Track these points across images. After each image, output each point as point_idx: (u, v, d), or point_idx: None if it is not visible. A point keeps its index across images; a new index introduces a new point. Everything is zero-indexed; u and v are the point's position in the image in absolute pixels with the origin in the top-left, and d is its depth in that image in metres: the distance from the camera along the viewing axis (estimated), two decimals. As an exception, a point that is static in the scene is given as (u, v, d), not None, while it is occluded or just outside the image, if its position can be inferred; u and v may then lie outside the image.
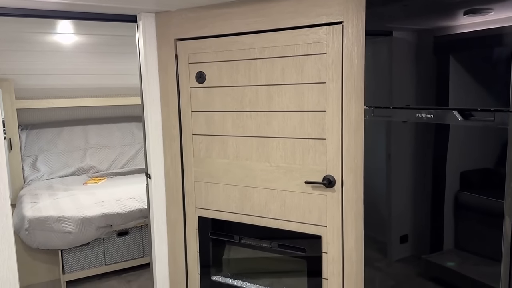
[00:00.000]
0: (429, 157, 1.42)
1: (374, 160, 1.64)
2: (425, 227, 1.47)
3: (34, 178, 3.79)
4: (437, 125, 1.37)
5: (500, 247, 1.25)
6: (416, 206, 1.49)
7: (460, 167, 1.32)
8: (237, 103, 2.06)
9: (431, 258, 1.48)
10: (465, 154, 1.30)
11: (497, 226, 1.24)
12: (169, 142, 2.28)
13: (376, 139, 1.62)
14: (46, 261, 3.22)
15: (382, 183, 1.62)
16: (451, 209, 1.37)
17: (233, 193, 2.15)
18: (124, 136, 4.37)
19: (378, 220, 1.66)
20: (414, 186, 1.49)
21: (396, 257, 1.61)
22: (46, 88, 3.96)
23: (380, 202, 1.64)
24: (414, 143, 1.47)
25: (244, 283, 2.19)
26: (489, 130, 1.22)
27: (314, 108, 1.86)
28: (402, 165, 1.52)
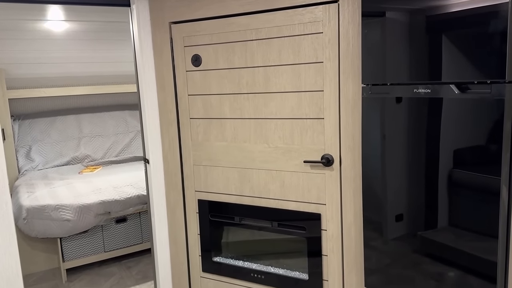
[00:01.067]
0: (426, 133, 1.44)
1: (372, 138, 1.67)
2: (421, 205, 1.50)
3: (28, 168, 3.77)
4: (434, 99, 1.39)
5: (496, 220, 1.29)
6: (412, 184, 1.52)
7: (456, 143, 1.35)
8: (234, 85, 2.06)
9: (426, 235, 1.52)
10: (462, 129, 1.33)
11: (493, 200, 1.28)
12: (166, 127, 2.29)
13: (374, 116, 1.64)
14: (45, 250, 3.23)
15: (379, 161, 1.65)
16: (448, 186, 1.40)
17: (232, 175, 2.16)
18: (118, 124, 4.35)
19: (374, 198, 1.69)
20: (410, 164, 1.52)
21: (392, 235, 1.65)
22: (38, 77, 3.92)
23: (377, 180, 1.67)
24: (412, 118, 1.49)
25: (246, 263, 2.22)
26: (486, 102, 1.25)
27: (311, 88, 1.88)
28: (399, 141, 1.55)
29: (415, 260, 1.57)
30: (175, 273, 2.42)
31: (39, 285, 3.00)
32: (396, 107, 1.55)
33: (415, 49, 1.44)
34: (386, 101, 1.58)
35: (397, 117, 1.55)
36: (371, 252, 1.76)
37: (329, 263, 1.96)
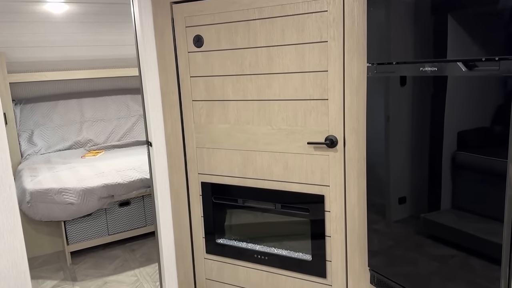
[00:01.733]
0: (432, 113, 1.42)
1: (376, 119, 1.65)
2: (425, 187, 1.49)
3: (31, 153, 3.77)
4: (441, 77, 1.37)
5: (502, 203, 1.27)
6: (416, 165, 1.51)
7: (462, 123, 1.33)
8: (237, 66, 2.04)
9: (429, 217, 1.51)
10: (468, 108, 1.31)
11: (499, 182, 1.26)
12: (168, 109, 2.27)
13: (379, 96, 1.62)
14: (49, 233, 3.26)
15: (382, 142, 1.63)
16: (453, 168, 1.39)
17: (235, 158, 2.15)
18: (120, 109, 4.33)
19: (377, 180, 1.68)
20: (415, 145, 1.50)
21: (395, 217, 1.65)
22: (39, 61, 3.89)
23: (381, 162, 1.65)
24: (417, 98, 1.47)
25: (249, 244, 2.23)
26: (494, 79, 1.23)
27: (315, 68, 1.85)
28: (404, 122, 1.53)
29: (418, 242, 1.57)
30: (179, 255, 2.44)
31: (44, 267, 3.03)
32: (402, 87, 1.52)
33: (421, 26, 1.41)
34: (392, 81, 1.56)
35: (402, 97, 1.53)
36: (374, 234, 1.76)
37: (332, 244, 1.96)
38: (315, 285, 2.05)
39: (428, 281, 1.54)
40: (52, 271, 2.96)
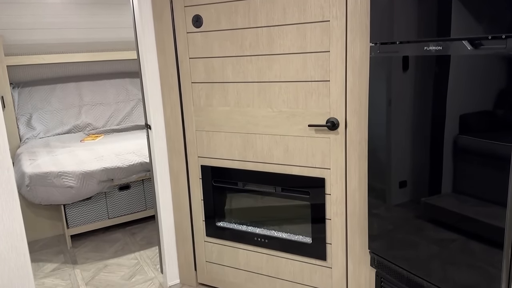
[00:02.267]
0: (436, 94, 1.40)
1: (378, 100, 1.62)
2: (426, 171, 1.47)
3: (30, 137, 3.75)
4: (446, 57, 1.33)
5: (505, 187, 1.25)
6: (421, 147, 1.48)
7: (467, 104, 1.30)
8: (237, 47, 2.00)
9: (430, 201, 1.49)
10: (474, 89, 1.28)
11: (503, 167, 1.24)
12: (167, 92, 2.24)
13: (382, 77, 1.59)
14: (49, 217, 3.26)
15: (384, 125, 1.61)
16: (455, 151, 1.37)
17: (235, 141, 2.13)
18: (119, 93, 4.29)
19: (378, 164, 1.66)
20: (417, 128, 1.48)
21: (396, 201, 1.63)
22: (36, 44, 3.83)
23: (382, 145, 1.63)
24: (422, 78, 1.44)
25: (249, 227, 2.23)
26: (500, 57, 1.19)
27: (317, 48, 1.81)
28: (408, 103, 1.50)
29: (419, 226, 1.56)
30: (179, 238, 2.44)
31: (45, 251, 3.04)
32: (405, 67, 1.49)
33: (425, 4, 1.37)
34: (395, 61, 1.52)
35: (405, 78, 1.50)
36: (375, 218, 1.75)
37: (332, 227, 1.95)
38: (315, 267, 2.05)
39: (429, 264, 1.53)
40: (53, 254, 2.97)
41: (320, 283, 2.05)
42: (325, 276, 2.03)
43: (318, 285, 2.06)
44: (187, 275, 2.47)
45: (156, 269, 2.71)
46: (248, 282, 2.28)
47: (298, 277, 2.11)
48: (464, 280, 1.41)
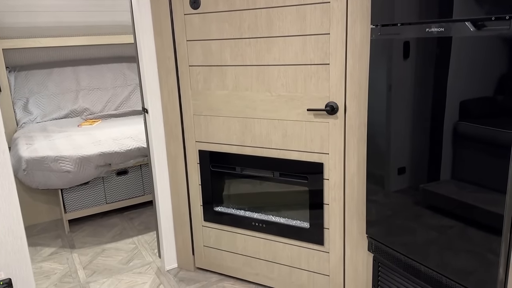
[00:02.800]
0: (439, 76, 1.37)
1: (379, 84, 1.60)
2: (425, 157, 1.45)
3: (27, 121, 3.72)
4: (448, 38, 1.31)
5: (505, 174, 1.24)
6: (422, 133, 1.47)
7: (469, 89, 1.28)
8: (235, 29, 1.96)
9: (429, 187, 1.48)
10: (476, 71, 1.26)
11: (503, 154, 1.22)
12: (165, 75, 2.21)
13: (382, 60, 1.56)
14: (47, 202, 3.25)
15: (384, 110, 1.59)
16: (454, 137, 1.35)
17: (233, 125, 2.11)
18: (116, 77, 4.24)
19: (377, 149, 1.65)
20: (419, 111, 1.45)
21: (394, 188, 1.62)
22: (32, 27, 3.77)
23: (381, 129, 1.61)
24: (423, 61, 1.41)
25: (247, 212, 2.22)
26: (503, 39, 1.17)
27: (317, 31, 1.78)
28: (410, 87, 1.48)
29: (417, 212, 1.55)
30: (177, 223, 2.43)
31: (42, 235, 3.04)
32: (406, 50, 1.46)
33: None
34: (396, 43, 1.49)
35: (407, 61, 1.47)
36: (373, 203, 1.74)
37: (330, 212, 1.94)
38: (312, 252, 2.05)
39: (427, 250, 1.53)
40: (50, 239, 2.97)
41: (318, 268, 2.06)
42: (322, 261, 2.03)
43: (316, 270, 2.07)
44: (185, 260, 2.48)
45: (154, 253, 2.71)
46: (245, 266, 2.29)
47: (296, 262, 2.11)
48: (462, 265, 1.41)
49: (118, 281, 2.40)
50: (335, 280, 2.02)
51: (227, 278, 2.37)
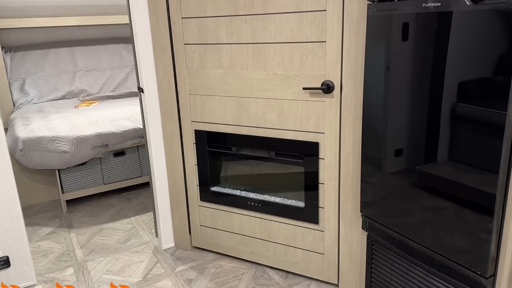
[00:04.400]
0: (436, 54, 1.35)
1: (376, 62, 1.58)
2: (425, 136, 1.45)
3: (23, 102, 3.70)
4: (445, 13, 1.28)
5: (498, 155, 1.23)
6: (418, 113, 1.45)
7: (466, 66, 1.26)
8: (230, 5, 1.93)
9: (425, 169, 1.47)
10: (473, 48, 1.24)
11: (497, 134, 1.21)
12: (160, 53, 2.18)
13: (379, 37, 1.54)
14: (45, 182, 3.26)
15: (381, 88, 1.57)
16: (452, 117, 1.34)
17: (229, 105, 2.10)
18: (113, 59, 4.21)
19: (372, 129, 1.64)
20: (416, 90, 1.44)
21: (389, 169, 1.61)
22: (27, 6, 3.72)
23: (377, 109, 1.60)
24: (420, 37, 1.39)
25: (243, 192, 2.23)
26: (500, 13, 1.15)
27: (313, 7, 1.75)
28: (406, 65, 1.46)
29: (412, 193, 1.55)
30: (174, 203, 2.44)
31: (40, 215, 3.05)
32: (403, 26, 1.44)
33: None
34: (393, 19, 1.47)
35: (404, 38, 1.45)
36: (368, 184, 1.74)
37: (325, 191, 1.95)
38: (307, 231, 2.06)
39: (421, 229, 1.54)
40: (48, 219, 2.99)
41: (312, 246, 2.07)
42: (317, 239, 2.05)
43: (310, 248, 2.08)
44: (181, 239, 2.49)
45: (151, 233, 2.73)
46: (241, 245, 2.30)
47: (291, 241, 2.13)
48: (455, 243, 1.42)
49: (115, 259, 2.42)
50: (330, 258, 2.04)
51: (223, 257, 2.39)
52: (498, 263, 1.35)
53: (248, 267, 2.29)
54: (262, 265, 2.29)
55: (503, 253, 1.33)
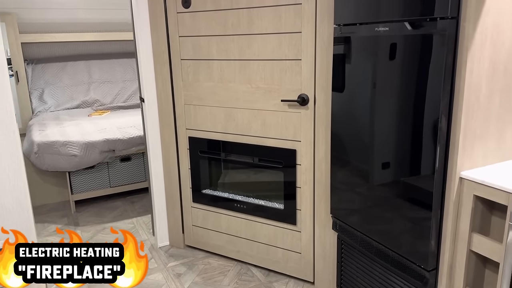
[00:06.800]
0: (384, 69, 1.55)
1: (339, 78, 1.78)
2: (373, 144, 1.63)
3: (41, 110, 4.01)
4: (391, 36, 1.48)
5: (434, 151, 1.40)
6: (367, 121, 1.64)
7: (409, 79, 1.45)
8: (221, 27, 2.17)
9: (382, 178, 1.64)
10: (412, 65, 1.43)
11: (433, 134, 1.39)
12: (159, 67, 2.43)
13: (343, 55, 1.74)
14: (56, 184, 3.53)
15: (346, 99, 1.77)
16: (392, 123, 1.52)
17: (219, 114, 2.32)
18: (126, 72, 4.51)
19: (340, 137, 1.83)
20: (369, 103, 1.63)
21: (353, 175, 1.78)
22: (49, 23, 4.07)
23: (343, 118, 1.79)
24: (373, 55, 1.59)
25: (231, 194, 2.43)
26: (432, 37, 1.34)
27: (290, 29, 1.97)
28: (362, 78, 1.66)
29: (368, 194, 1.71)
30: (169, 204, 2.66)
31: (51, 214, 3.31)
32: (360, 46, 1.64)
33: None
34: (353, 40, 1.68)
35: (361, 55, 1.65)
36: (334, 187, 1.92)
37: (302, 194, 2.13)
38: (286, 231, 2.24)
39: (377, 227, 1.70)
40: (57, 217, 3.24)
41: (291, 246, 2.25)
42: (295, 239, 2.22)
43: (289, 248, 2.26)
44: (175, 238, 2.70)
45: (149, 232, 2.94)
46: (228, 244, 2.49)
47: (272, 240, 2.31)
48: (404, 240, 1.58)
49: (114, 254, 2.64)
50: (306, 257, 2.21)
51: (212, 255, 2.58)
52: (439, 258, 1.51)
53: (234, 265, 2.47)
54: (246, 263, 2.47)
55: (443, 249, 1.49)
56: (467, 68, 1.31)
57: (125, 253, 1.59)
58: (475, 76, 1.34)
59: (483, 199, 1.39)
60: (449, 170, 1.42)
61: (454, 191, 1.42)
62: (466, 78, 1.32)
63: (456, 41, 1.32)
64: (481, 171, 1.41)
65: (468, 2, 1.27)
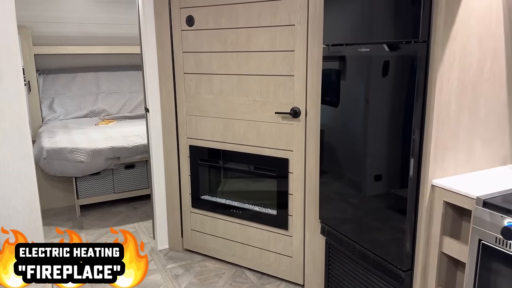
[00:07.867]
0: (365, 87, 1.71)
1: (327, 93, 1.94)
2: (355, 156, 1.77)
3: (51, 118, 4.20)
4: (372, 56, 1.65)
5: (408, 158, 1.55)
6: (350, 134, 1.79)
7: (383, 97, 1.61)
8: (221, 44, 2.35)
9: (355, 178, 1.78)
10: (390, 81, 1.58)
11: (407, 144, 1.54)
12: (164, 80, 2.61)
13: (331, 72, 1.91)
14: (63, 189, 3.69)
15: (333, 114, 1.92)
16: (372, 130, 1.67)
17: (217, 125, 2.48)
18: (132, 83, 4.71)
19: (329, 148, 1.98)
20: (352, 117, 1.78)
21: (338, 182, 1.92)
22: (61, 36, 4.29)
23: (331, 131, 1.95)
24: (356, 73, 1.75)
25: (228, 200, 2.57)
26: (407, 58, 1.50)
27: (284, 48, 2.14)
28: (348, 95, 1.82)
29: (352, 201, 1.84)
30: (170, 209, 2.80)
31: (57, 217, 3.46)
32: (346, 64, 1.81)
33: (357, 15, 1.69)
34: (339, 59, 1.84)
35: (345, 73, 1.81)
36: (322, 194, 2.06)
37: (293, 201, 2.27)
38: (279, 236, 2.38)
39: (359, 231, 1.84)
40: (63, 220, 3.39)
41: (283, 250, 2.38)
42: (287, 244, 2.36)
43: (281, 252, 2.39)
44: (175, 242, 2.84)
45: (150, 236, 3.08)
46: (224, 248, 2.63)
47: (265, 244, 2.44)
48: (383, 241, 1.72)
49: (116, 256, 2.77)
50: (297, 261, 2.34)
51: (209, 259, 2.71)
52: (414, 260, 1.64)
53: (229, 268, 2.60)
54: (241, 267, 2.60)
55: (417, 251, 1.62)
56: (437, 86, 1.47)
57: (125, 253, 1.60)
58: (444, 94, 1.49)
59: (453, 205, 1.53)
60: (422, 178, 1.56)
61: (427, 198, 1.56)
62: (436, 96, 1.47)
63: (427, 62, 1.47)
64: (451, 179, 1.55)
65: (437, 27, 1.44)
